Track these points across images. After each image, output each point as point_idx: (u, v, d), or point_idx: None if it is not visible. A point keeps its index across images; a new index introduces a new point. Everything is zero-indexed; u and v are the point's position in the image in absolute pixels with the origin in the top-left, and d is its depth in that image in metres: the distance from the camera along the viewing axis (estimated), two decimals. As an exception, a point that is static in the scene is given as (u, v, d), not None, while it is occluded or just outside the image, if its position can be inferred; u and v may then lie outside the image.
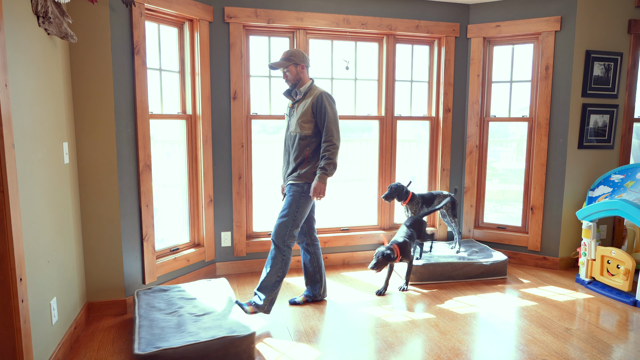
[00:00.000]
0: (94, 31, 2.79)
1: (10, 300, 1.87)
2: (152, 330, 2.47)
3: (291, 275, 3.86)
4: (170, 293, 2.99)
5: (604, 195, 3.64)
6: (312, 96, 2.98)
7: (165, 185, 3.79)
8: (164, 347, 2.25)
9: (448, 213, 3.97)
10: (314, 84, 3.08)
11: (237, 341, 2.37)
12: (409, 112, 4.34)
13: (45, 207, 2.29)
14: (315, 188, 2.92)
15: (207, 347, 2.31)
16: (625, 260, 3.33)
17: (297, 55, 3.00)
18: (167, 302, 2.86)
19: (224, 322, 2.57)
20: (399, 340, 2.73)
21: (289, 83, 3.05)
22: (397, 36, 4.11)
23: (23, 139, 2.04)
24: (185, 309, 2.75)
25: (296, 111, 3.04)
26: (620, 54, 3.87)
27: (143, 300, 2.85)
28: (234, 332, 2.41)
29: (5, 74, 1.83)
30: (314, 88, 3.04)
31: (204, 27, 3.49)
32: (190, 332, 2.44)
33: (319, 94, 2.97)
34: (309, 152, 3.00)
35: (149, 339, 2.37)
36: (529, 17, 3.92)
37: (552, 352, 2.61)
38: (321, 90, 3.00)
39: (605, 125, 3.95)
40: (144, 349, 2.25)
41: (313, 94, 2.99)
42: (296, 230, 2.99)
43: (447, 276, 3.70)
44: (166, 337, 2.39)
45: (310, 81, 3.07)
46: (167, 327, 2.53)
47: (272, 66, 3.03)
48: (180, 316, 2.66)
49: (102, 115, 2.87)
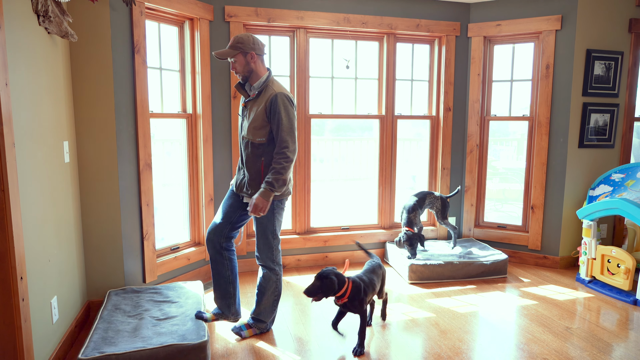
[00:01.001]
0: (95, 30, 2.79)
1: (11, 299, 1.87)
2: (107, 333, 2.39)
3: (290, 273, 3.86)
4: (142, 295, 2.90)
5: (605, 194, 3.64)
6: (266, 97, 2.51)
7: (165, 184, 3.80)
8: (107, 353, 2.16)
9: (438, 215, 3.99)
10: (271, 78, 2.60)
11: (186, 350, 2.24)
12: (410, 111, 4.34)
13: (45, 206, 2.29)
14: (255, 204, 2.46)
15: (153, 355, 2.19)
16: (625, 259, 3.33)
17: (245, 42, 2.50)
18: (135, 304, 2.76)
19: (182, 328, 2.45)
20: (399, 339, 2.73)
21: (239, 76, 2.58)
22: (398, 35, 4.11)
23: (23, 138, 2.04)
24: (150, 312, 2.65)
25: (249, 113, 2.58)
26: (621, 52, 3.87)
27: (111, 302, 2.77)
28: (185, 340, 2.29)
29: (5, 73, 1.83)
30: (269, 85, 2.55)
31: (204, 26, 3.49)
32: (143, 337, 2.34)
33: (274, 95, 2.48)
34: (264, 163, 2.55)
35: (98, 342, 2.28)
36: (529, 16, 3.92)
37: (553, 350, 2.61)
38: (277, 91, 2.50)
39: (605, 124, 3.94)
40: (88, 354, 2.16)
41: (268, 93, 2.51)
42: (279, 244, 2.70)
43: (447, 276, 3.70)
44: (117, 342, 2.30)
45: (267, 74, 2.58)
46: (124, 330, 2.43)
47: (218, 56, 2.53)
48: (141, 319, 2.56)
49: (103, 114, 2.87)
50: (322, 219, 4.31)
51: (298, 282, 3.68)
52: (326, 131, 5.76)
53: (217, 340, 2.70)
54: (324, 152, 5.75)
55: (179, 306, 2.76)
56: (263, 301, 2.72)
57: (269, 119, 2.50)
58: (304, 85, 3.89)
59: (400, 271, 3.82)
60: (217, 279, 2.73)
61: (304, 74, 3.88)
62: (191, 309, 2.69)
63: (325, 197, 5.19)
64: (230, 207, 2.72)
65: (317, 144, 5.52)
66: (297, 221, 4.07)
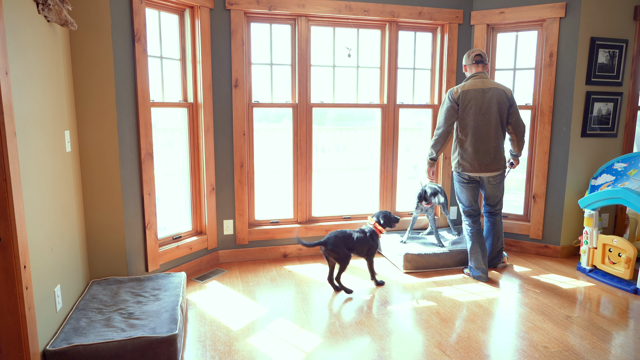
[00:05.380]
0: (94, 18, 2.77)
1: (15, 288, 1.89)
2: (79, 323, 2.38)
3: (292, 262, 3.88)
4: (123, 286, 2.87)
5: (607, 184, 3.63)
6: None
7: (167, 173, 3.80)
8: (75, 344, 2.15)
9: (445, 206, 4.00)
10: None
11: (155, 342, 2.22)
12: (412, 100, 4.31)
13: (48, 196, 2.30)
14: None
15: (121, 347, 2.18)
16: (626, 249, 3.33)
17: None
18: (113, 295, 2.74)
19: (155, 320, 2.43)
20: (400, 328, 2.75)
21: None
22: (400, 23, 4.07)
23: (25, 127, 2.04)
24: (126, 304, 2.63)
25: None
26: (626, 40, 3.83)
27: (90, 292, 2.75)
28: (155, 333, 2.26)
29: (5, 62, 1.83)
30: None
31: (205, 14, 3.46)
32: (115, 329, 2.33)
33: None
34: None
35: (69, 333, 2.28)
36: (533, 4, 3.87)
37: (553, 339, 2.62)
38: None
39: (609, 114, 3.92)
40: (56, 345, 2.16)
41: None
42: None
43: (442, 264, 3.72)
44: (88, 333, 2.28)
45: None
46: (97, 321, 2.41)
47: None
48: (116, 311, 2.54)
49: (104, 103, 2.86)
50: (324, 208, 4.32)
51: (300, 271, 3.69)
52: (328, 120, 5.75)
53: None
54: (325, 141, 5.75)
55: (156, 298, 2.73)
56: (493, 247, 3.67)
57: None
58: (306, 74, 3.87)
59: (395, 261, 3.82)
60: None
61: (306, 62, 3.85)
62: (168, 302, 2.66)
63: (327, 187, 5.20)
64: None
65: (319, 133, 5.52)
66: (299, 210, 4.08)
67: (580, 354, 2.46)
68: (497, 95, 3.33)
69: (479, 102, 3.31)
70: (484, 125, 3.33)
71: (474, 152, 3.36)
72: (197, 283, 3.41)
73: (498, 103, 3.33)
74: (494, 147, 3.36)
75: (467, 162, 3.39)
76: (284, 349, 2.50)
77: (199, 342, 2.57)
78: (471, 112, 3.32)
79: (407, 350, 2.50)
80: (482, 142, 3.35)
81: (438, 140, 3.41)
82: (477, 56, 3.41)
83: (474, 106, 3.31)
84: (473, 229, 3.52)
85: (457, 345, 2.55)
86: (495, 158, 3.38)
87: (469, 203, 3.53)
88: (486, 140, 3.35)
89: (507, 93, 3.37)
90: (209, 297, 3.17)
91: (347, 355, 2.45)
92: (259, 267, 3.75)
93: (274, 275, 3.59)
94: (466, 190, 3.50)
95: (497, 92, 3.33)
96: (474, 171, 3.39)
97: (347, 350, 2.50)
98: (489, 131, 3.34)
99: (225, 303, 3.07)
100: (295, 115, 3.93)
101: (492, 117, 3.32)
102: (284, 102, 3.93)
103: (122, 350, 2.19)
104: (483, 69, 3.43)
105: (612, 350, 2.51)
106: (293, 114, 3.93)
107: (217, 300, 3.12)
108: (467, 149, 3.38)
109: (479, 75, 3.39)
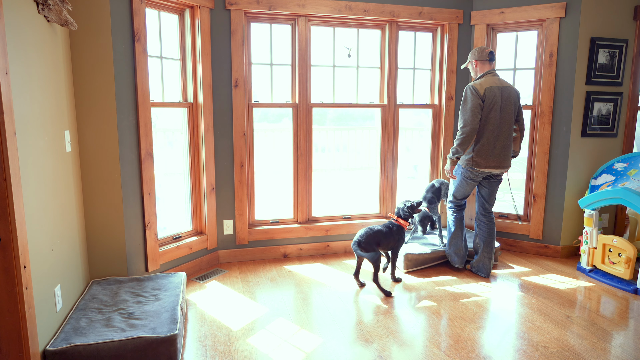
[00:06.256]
0: (94, 18, 2.77)
1: (15, 288, 1.89)
2: (79, 323, 2.37)
3: (292, 262, 3.88)
4: (123, 286, 2.87)
5: (607, 184, 3.63)
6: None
7: (167, 173, 3.81)
8: (75, 344, 2.15)
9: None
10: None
11: (155, 342, 2.22)
12: (412, 100, 4.31)
13: (48, 196, 2.30)
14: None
15: (121, 346, 2.18)
16: (626, 249, 3.33)
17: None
18: (113, 295, 2.74)
19: (155, 320, 2.43)
20: (400, 327, 2.75)
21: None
22: (400, 23, 4.07)
23: (25, 127, 2.04)
24: (126, 304, 2.63)
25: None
26: (626, 41, 3.83)
27: (90, 292, 2.76)
28: (155, 333, 2.26)
29: (5, 62, 1.83)
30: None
31: (205, 14, 3.46)
32: (115, 329, 2.33)
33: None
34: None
35: (69, 333, 2.27)
36: (533, 4, 3.87)
37: (553, 339, 2.62)
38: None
39: (609, 114, 3.92)
40: (56, 345, 2.16)
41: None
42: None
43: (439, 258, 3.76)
44: (88, 333, 2.28)
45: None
46: (97, 321, 2.41)
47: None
48: (116, 311, 2.54)
49: (104, 103, 2.86)
50: (324, 208, 4.32)
51: (300, 271, 3.69)
52: (328, 120, 5.75)
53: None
54: (325, 141, 5.75)
55: (156, 298, 2.72)
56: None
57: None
58: (306, 74, 3.87)
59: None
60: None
61: (306, 62, 3.85)
62: (168, 302, 2.66)
63: (327, 187, 5.20)
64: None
65: (319, 133, 5.52)
66: (299, 210, 4.08)
67: (580, 354, 2.46)
68: (513, 94, 3.37)
69: (500, 100, 3.33)
70: (504, 123, 3.35)
71: (493, 149, 3.37)
72: (197, 283, 3.41)
73: (514, 102, 3.38)
74: (509, 145, 3.42)
75: (483, 158, 3.37)
76: (284, 349, 2.50)
77: (199, 342, 2.57)
78: (494, 109, 3.32)
79: (407, 350, 2.50)
80: (500, 140, 3.37)
81: (466, 138, 3.31)
82: (490, 53, 3.42)
83: (496, 103, 3.32)
84: (458, 215, 3.65)
85: (457, 345, 2.55)
86: (509, 155, 3.45)
87: (463, 197, 3.60)
88: (503, 138, 3.37)
89: (518, 92, 3.43)
90: (209, 297, 3.17)
91: (347, 355, 2.45)
92: (259, 267, 3.75)
93: (274, 275, 3.59)
94: (468, 187, 3.52)
95: (513, 91, 3.38)
96: (489, 167, 3.40)
97: (347, 350, 2.50)
98: (507, 129, 3.38)
99: (225, 303, 3.07)
100: (295, 115, 3.93)
101: (509, 115, 3.36)
102: (284, 102, 3.93)
103: (122, 350, 2.19)
104: (494, 66, 3.46)
105: (612, 350, 2.51)
106: (293, 114, 3.93)
107: (217, 300, 3.12)
108: (486, 146, 3.37)
109: (493, 73, 3.41)
